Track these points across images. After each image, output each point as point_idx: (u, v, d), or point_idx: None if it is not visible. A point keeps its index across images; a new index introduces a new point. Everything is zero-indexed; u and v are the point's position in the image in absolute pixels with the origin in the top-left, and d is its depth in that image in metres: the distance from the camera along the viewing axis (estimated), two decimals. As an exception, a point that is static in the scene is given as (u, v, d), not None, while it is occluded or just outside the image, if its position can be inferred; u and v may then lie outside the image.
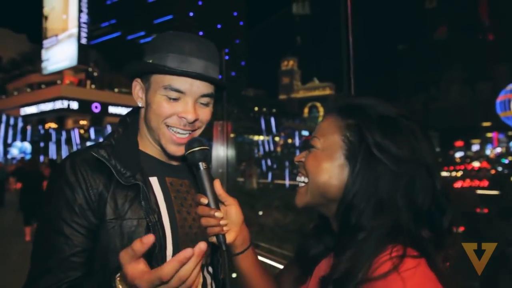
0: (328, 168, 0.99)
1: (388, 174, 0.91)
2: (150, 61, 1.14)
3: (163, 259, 1.10)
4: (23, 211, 9.10)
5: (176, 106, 1.14)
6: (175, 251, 1.13)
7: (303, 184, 1.07)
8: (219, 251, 1.21)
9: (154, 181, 1.18)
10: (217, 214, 1.05)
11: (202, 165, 1.11)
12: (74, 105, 49.81)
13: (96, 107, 50.75)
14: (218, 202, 1.09)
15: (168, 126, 1.15)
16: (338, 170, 0.98)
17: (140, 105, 1.22)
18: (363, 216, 0.92)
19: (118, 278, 0.87)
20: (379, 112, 0.97)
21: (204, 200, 1.07)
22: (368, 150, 0.93)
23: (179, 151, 1.17)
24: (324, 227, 1.11)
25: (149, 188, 1.15)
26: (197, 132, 1.21)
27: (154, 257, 1.08)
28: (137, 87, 1.22)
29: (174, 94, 1.13)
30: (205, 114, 1.19)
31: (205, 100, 1.18)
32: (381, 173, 0.91)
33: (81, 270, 1.04)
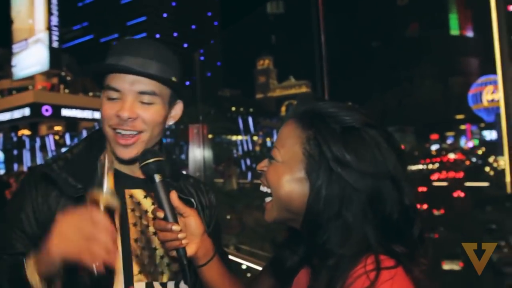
0: (289, 181, 0.96)
1: (351, 190, 0.88)
2: None
3: (111, 274, 1.09)
4: None
5: (115, 106, 1.13)
6: (125, 266, 1.12)
7: (269, 199, 1.04)
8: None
9: None
10: (174, 227, 1.03)
11: (157, 177, 1.09)
12: (48, 110, 48.78)
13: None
14: (175, 215, 1.07)
15: (112, 128, 1.14)
16: (298, 184, 0.95)
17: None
18: (331, 240, 0.89)
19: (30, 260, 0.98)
20: (341, 122, 0.92)
21: (161, 214, 1.05)
22: (328, 165, 0.89)
23: (126, 154, 1.15)
24: (295, 238, 1.07)
25: None
26: (144, 136, 1.17)
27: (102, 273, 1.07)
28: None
29: (113, 94, 1.13)
30: (148, 113, 1.15)
31: (146, 98, 1.15)
32: (344, 189, 0.88)
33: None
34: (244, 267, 4.89)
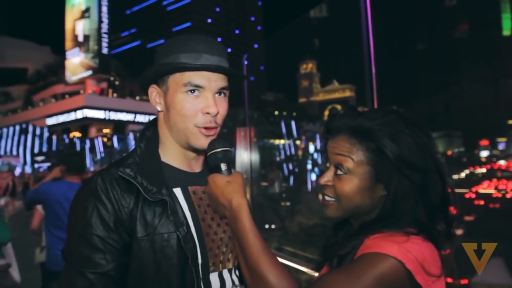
0: (361, 190, 1.07)
1: (411, 184, 1.03)
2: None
3: (196, 269, 1.12)
4: None
5: (198, 103, 1.16)
6: (204, 259, 1.15)
7: (331, 200, 1.12)
8: None
9: (178, 192, 1.20)
10: None
11: (223, 166, 1.15)
12: (97, 114, 50.70)
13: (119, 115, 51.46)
14: None
15: (197, 126, 1.17)
16: (370, 191, 1.07)
17: (159, 109, 1.23)
18: (389, 223, 1.04)
19: None
20: (391, 131, 1.04)
21: None
22: (395, 169, 1.02)
23: (207, 143, 1.19)
24: (346, 229, 1.19)
25: (175, 201, 1.16)
26: (219, 129, 1.23)
27: (188, 268, 1.11)
28: (154, 92, 1.23)
29: (192, 90, 1.16)
30: (223, 107, 1.20)
31: (222, 93, 1.20)
32: (409, 186, 1.03)
33: (118, 284, 1.06)
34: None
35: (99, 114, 50.93)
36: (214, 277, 1.18)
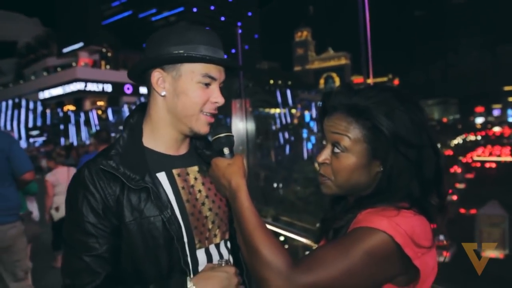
0: (359, 168, 1.10)
1: (407, 160, 1.06)
2: (181, 51, 1.22)
3: (182, 248, 1.22)
4: None
5: (209, 92, 1.25)
6: (189, 238, 1.24)
7: (329, 178, 1.14)
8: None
9: (162, 176, 1.27)
10: None
11: (226, 150, 1.25)
12: (91, 86, 50.26)
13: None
14: None
15: (203, 112, 1.26)
16: (367, 168, 1.10)
17: (162, 94, 1.26)
18: (384, 198, 1.08)
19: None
20: (387, 109, 1.06)
21: None
22: (391, 146, 1.05)
23: (208, 130, 1.29)
24: (343, 204, 1.23)
25: (159, 186, 1.24)
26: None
27: (174, 247, 1.20)
28: (157, 77, 1.25)
29: (208, 81, 1.24)
30: (223, 97, 1.30)
31: (221, 84, 1.31)
32: (404, 162, 1.06)
33: (112, 264, 1.17)
34: (282, 238, 4.97)
35: (93, 87, 50.51)
36: (201, 253, 1.27)
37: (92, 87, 50.29)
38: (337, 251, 0.95)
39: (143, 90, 49.78)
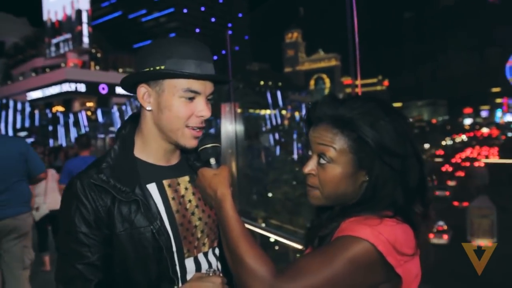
0: (345, 178, 1.11)
1: (391, 170, 1.08)
2: (163, 67, 1.22)
3: (171, 257, 1.26)
4: None
5: (193, 106, 1.25)
6: (178, 247, 1.28)
7: (315, 189, 1.16)
8: None
9: (152, 187, 1.30)
10: None
11: (212, 161, 1.28)
12: (80, 87, 49.84)
13: (103, 88, 50.83)
14: None
15: (188, 126, 1.27)
16: (352, 178, 1.11)
17: (148, 108, 1.28)
18: (368, 207, 1.10)
19: None
20: (372, 120, 1.08)
21: None
22: (377, 156, 1.07)
23: (194, 143, 1.30)
24: (329, 212, 1.24)
25: (149, 197, 1.27)
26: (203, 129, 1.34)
27: (164, 256, 1.24)
28: (142, 91, 1.27)
29: (191, 95, 1.25)
30: (210, 110, 1.31)
31: (209, 98, 1.32)
32: (389, 172, 1.08)
33: (104, 271, 1.21)
34: (272, 240, 4.96)
35: (82, 88, 50.07)
36: (189, 262, 1.30)
37: (81, 88, 49.83)
38: (320, 260, 0.97)
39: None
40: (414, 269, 1.03)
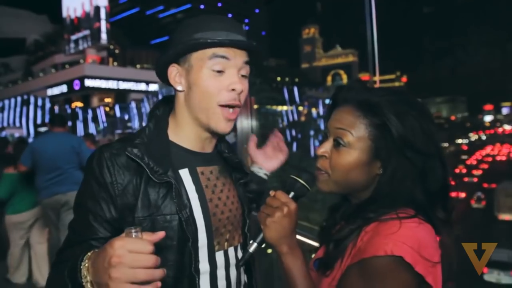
0: (358, 165, 1.05)
1: (411, 166, 1.03)
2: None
3: (196, 252, 1.14)
4: None
5: (223, 80, 1.15)
6: (209, 239, 1.17)
7: (324, 173, 1.10)
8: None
9: (185, 173, 1.20)
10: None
11: (291, 194, 1.09)
12: (98, 83, 50.43)
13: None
14: None
15: (221, 105, 1.16)
16: (367, 167, 1.06)
17: (179, 89, 1.21)
18: (385, 204, 1.04)
19: (86, 265, 0.92)
20: (398, 110, 1.02)
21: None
22: (397, 148, 1.01)
23: (228, 127, 1.19)
24: (342, 210, 1.18)
25: (180, 183, 1.17)
26: (239, 110, 1.21)
27: (187, 249, 1.12)
28: (174, 72, 1.20)
29: (219, 65, 1.14)
30: (246, 86, 1.20)
31: (245, 71, 1.19)
32: (408, 167, 1.03)
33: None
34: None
35: (100, 84, 50.64)
36: (219, 256, 1.20)
37: (99, 84, 50.40)
38: None
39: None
40: (440, 274, 0.96)
